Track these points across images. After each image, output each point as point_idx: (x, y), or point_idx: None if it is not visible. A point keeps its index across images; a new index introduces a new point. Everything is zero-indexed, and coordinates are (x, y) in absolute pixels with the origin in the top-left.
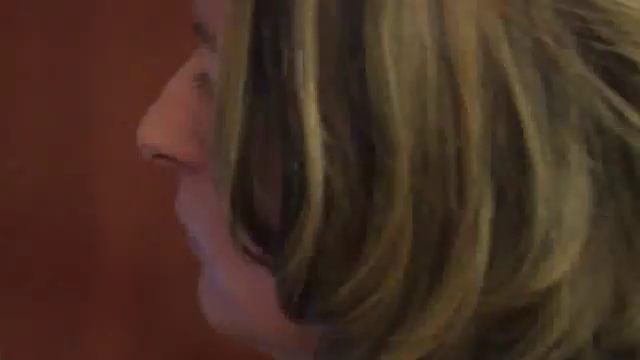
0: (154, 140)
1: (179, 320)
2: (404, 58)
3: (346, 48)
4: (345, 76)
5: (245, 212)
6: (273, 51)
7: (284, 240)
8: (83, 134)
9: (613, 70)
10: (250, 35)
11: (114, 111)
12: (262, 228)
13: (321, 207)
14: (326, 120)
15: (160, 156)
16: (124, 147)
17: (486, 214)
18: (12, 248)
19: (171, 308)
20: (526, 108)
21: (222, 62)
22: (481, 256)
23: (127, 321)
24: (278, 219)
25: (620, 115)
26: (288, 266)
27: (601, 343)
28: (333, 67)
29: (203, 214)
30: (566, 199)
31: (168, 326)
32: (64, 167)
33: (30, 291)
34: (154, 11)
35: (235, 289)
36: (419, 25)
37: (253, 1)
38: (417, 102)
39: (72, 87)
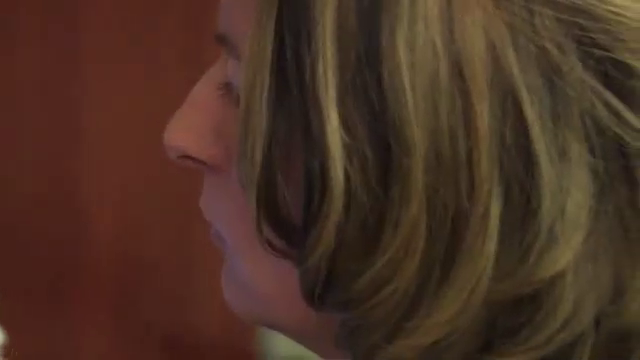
0: (180, 142)
1: (161, 309)
2: (418, 65)
3: (364, 56)
4: (363, 82)
5: (270, 209)
6: (295, 59)
7: (307, 234)
8: (70, 135)
9: (611, 74)
10: (273, 44)
11: (101, 112)
12: (286, 224)
13: (341, 203)
14: (346, 122)
15: (186, 157)
16: (111, 148)
17: (495, 208)
18: (1, 246)
19: (153, 298)
20: (531, 110)
21: (247, 69)
22: (490, 247)
23: (113, 310)
24: (301, 215)
25: (618, 116)
26: (311, 259)
27: (601, 327)
28: (352, 73)
29: (227, 211)
30: (569, 194)
31: (152, 315)
32: (52, 168)
33: (21, 285)
34: (140, 25)
35: (258, 280)
36: (432, 35)
37: (276, 12)
38: (430, 105)
39: (63, 91)
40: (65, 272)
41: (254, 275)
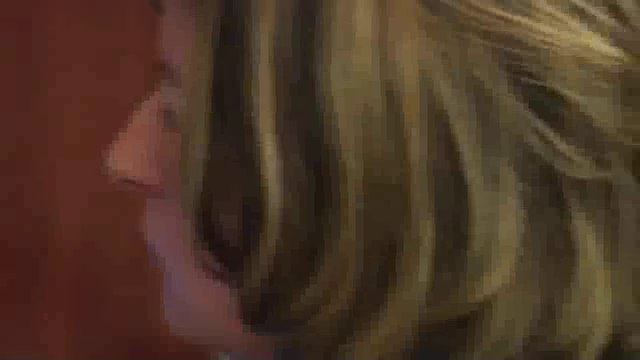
0: (121, 167)
1: (126, 307)
2: (351, 94)
3: (299, 85)
4: (299, 110)
5: (207, 233)
6: (232, 86)
7: (244, 259)
8: (36, 136)
9: (542, 102)
10: (210, 73)
11: (67, 111)
12: (223, 248)
13: (277, 229)
14: (282, 150)
15: (128, 181)
16: (75, 149)
17: (428, 234)
18: None
19: (118, 297)
20: (463, 138)
21: (185, 98)
22: (423, 272)
23: (77, 308)
24: (238, 240)
25: (548, 143)
26: (247, 282)
27: (531, 349)
28: (288, 101)
29: (166, 233)
30: (500, 220)
31: (115, 313)
32: (16, 170)
33: None
34: (112, 39)
35: (196, 301)
36: (365, 64)
37: (213, 40)
38: (364, 133)
39: (29, 93)
40: (27, 275)
41: (192, 296)
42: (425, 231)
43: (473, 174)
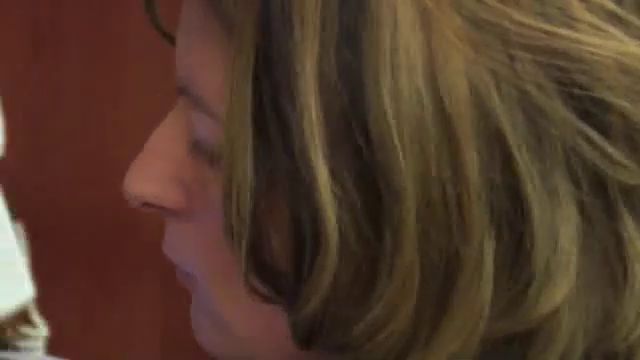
0: (140, 191)
1: None
2: (404, 114)
3: (349, 107)
4: (350, 133)
5: (258, 262)
6: (277, 115)
7: (300, 285)
8: (113, 128)
9: (591, 111)
10: (251, 102)
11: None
12: (275, 274)
13: (335, 254)
14: (335, 174)
15: (146, 204)
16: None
17: (488, 250)
18: (67, 228)
19: None
20: (518, 151)
21: (226, 128)
22: (486, 289)
23: (162, 288)
24: (291, 265)
25: (599, 150)
26: (305, 308)
27: (592, 353)
28: (338, 125)
29: (195, 254)
30: (560, 230)
31: None
32: (100, 162)
33: (77, 261)
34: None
35: (240, 321)
36: (415, 83)
37: (252, 70)
38: (418, 152)
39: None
40: (116, 253)
41: (235, 316)
42: (485, 247)
43: (530, 187)
